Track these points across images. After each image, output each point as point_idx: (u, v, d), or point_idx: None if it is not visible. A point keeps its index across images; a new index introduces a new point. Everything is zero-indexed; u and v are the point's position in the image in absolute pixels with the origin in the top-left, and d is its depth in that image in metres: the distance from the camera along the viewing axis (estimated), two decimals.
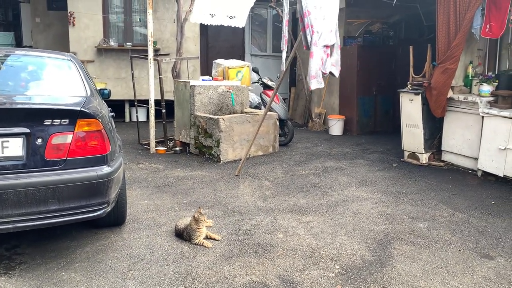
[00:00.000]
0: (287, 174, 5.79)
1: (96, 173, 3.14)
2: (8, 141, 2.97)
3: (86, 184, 3.10)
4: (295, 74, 10.72)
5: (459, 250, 3.55)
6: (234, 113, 6.97)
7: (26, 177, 2.96)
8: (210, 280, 3.07)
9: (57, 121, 3.03)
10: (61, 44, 9.88)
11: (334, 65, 5.29)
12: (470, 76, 5.90)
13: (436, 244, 3.65)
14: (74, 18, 9.14)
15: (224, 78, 7.50)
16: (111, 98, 4.58)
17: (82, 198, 3.12)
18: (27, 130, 2.98)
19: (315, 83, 5.10)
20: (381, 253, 3.49)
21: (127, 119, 9.81)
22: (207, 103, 6.88)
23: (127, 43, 9.54)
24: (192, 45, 9.89)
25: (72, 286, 2.98)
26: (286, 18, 4.91)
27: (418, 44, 6.56)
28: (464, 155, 5.82)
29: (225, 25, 6.58)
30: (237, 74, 7.70)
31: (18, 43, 11.83)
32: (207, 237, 3.69)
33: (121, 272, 3.17)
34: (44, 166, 3.03)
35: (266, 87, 7.90)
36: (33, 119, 3.01)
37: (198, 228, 3.61)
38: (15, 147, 2.98)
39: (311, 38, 4.84)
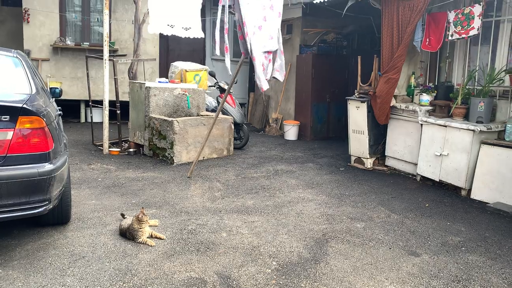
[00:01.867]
0: (238, 176, 5.93)
1: (37, 170, 3.16)
2: None
3: (26, 181, 3.12)
4: (254, 80, 10.89)
5: (390, 248, 3.80)
6: (190, 116, 7.05)
7: None
8: (149, 276, 3.15)
9: None
10: (15, 41, 9.65)
11: (278, 70, 5.52)
12: (412, 86, 6.26)
13: (370, 243, 3.89)
14: (28, 15, 8.96)
15: (181, 81, 7.57)
16: (66, 97, 4.57)
17: (22, 195, 3.13)
18: None
19: (265, 84, 5.30)
20: (317, 250, 3.68)
21: (83, 120, 9.64)
22: (163, 105, 6.92)
23: (85, 43, 9.43)
24: (151, 47, 9.89)
25: (9, 283, 2.98)
26: (226, 26, 5.14)
27: (370, 54, 6.86)
28: (406, 161, 6.17)
29: (182, 36, 6.66)
30: (194, 77, 7.79)
31: None
32: (152, 236, 3.76)
33: (61, 269, 3.19)
34: None
35: (222, 91, 8.02)
36: None
37: (141, 228, 3.67)
38: None
39: (250, 46, 5.09)
